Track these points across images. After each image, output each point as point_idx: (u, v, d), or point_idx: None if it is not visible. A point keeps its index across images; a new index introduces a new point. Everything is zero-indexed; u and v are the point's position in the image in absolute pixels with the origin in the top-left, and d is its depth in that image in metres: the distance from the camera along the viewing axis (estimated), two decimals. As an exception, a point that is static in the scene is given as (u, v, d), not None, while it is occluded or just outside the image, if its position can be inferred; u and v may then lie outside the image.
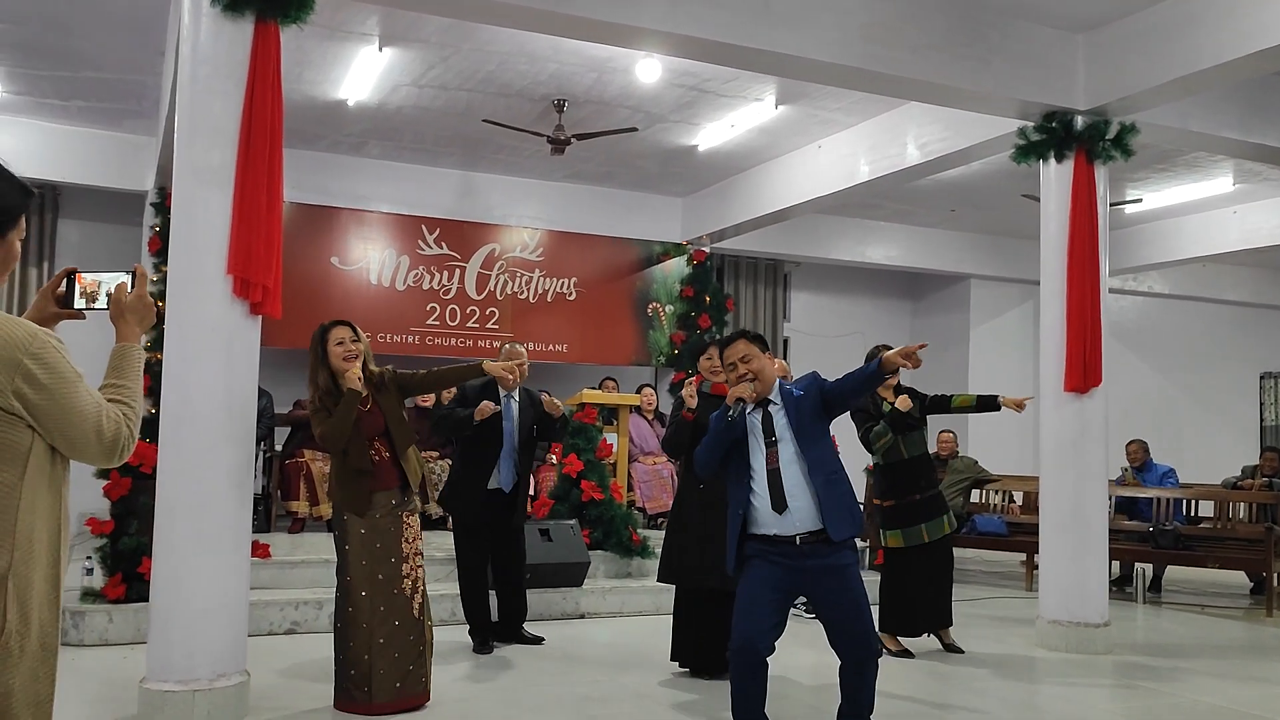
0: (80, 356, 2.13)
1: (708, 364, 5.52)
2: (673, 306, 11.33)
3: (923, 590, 6.34)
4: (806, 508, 3.93)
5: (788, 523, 3.92)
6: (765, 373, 4.08)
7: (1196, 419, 14.53)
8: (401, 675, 4.67)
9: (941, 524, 6.31)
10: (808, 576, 3.96)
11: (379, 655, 4.62)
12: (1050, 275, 6.93)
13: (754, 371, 4.05)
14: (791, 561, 3.94)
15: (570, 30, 5.87)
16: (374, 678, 4.60)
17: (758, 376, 4.05)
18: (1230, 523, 9.16)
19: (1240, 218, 11.24)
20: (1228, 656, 6.71)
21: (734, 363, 4.10)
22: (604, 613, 7.40)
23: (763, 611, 3.96)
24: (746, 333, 4.21)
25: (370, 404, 4.78)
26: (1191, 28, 6.08)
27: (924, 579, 6.33)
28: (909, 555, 6.31)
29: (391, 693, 4.64)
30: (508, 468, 6.14)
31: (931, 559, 6.33)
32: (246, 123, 4.69)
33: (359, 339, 4.81)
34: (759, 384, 4.05)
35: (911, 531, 6.27)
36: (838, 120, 8.78)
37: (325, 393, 4.73)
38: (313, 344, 4.81)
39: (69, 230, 10.11)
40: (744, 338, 4.17)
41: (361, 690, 4.62)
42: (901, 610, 6.35)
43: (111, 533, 6.19)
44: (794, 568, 3.94)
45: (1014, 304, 13.44)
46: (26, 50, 7.62)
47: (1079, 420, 6.76)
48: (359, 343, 4.79)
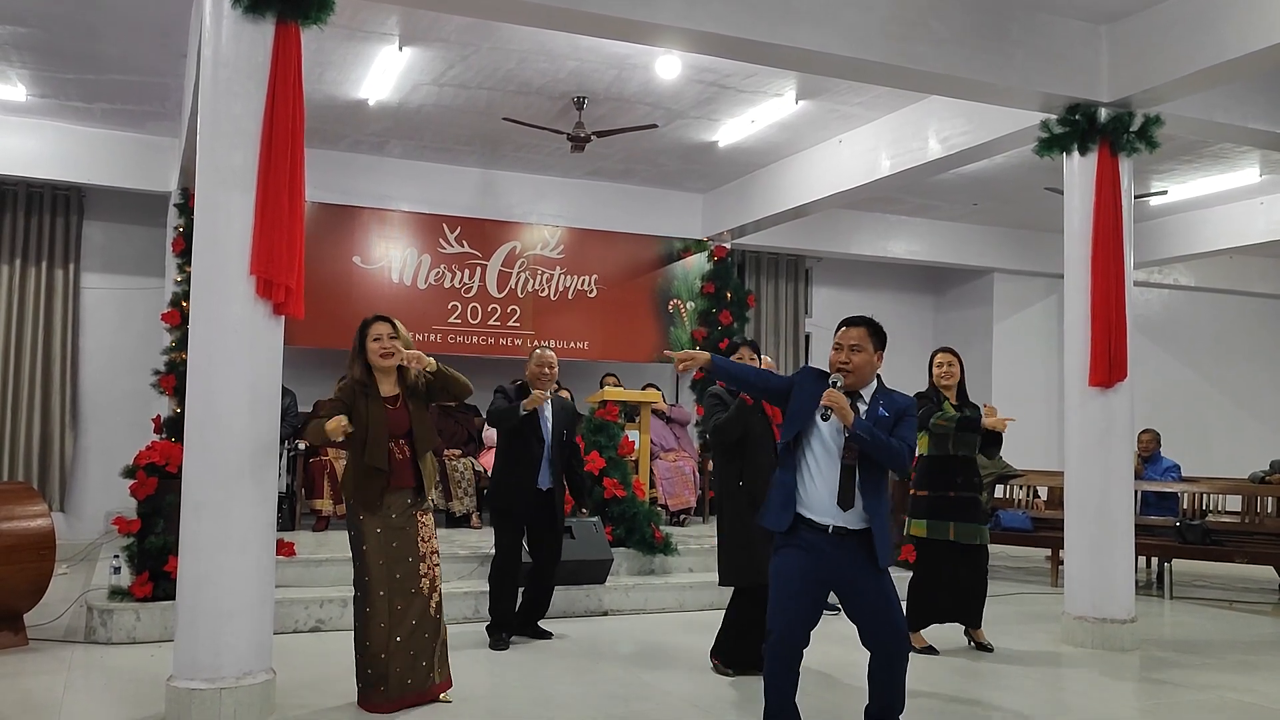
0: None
1: None
2: (694, 303, 11.32)
3: (951, 589, 6.32)
4: (860, 511, 3.96)
5: (841, 518, 3.94)
6: (857, 373, 4.04)
7: (1224, 413, 14.39)
8: (413, 673, 4.70)
9: (975, 531, 6.28)
10: (838, 568, 3.97)
11: (395, 654, 4.64)
12: (1074, 269, 6.87)
13: (853, 365, 4.03)
14: (823, 550, 3.95)
15: (590, 28, 5.86)
16: (390, 676, 4.63)
17: (852, 371, 4.03)
18: (1258, 517, 9.08)
19: (1267, 209, 11.12)
20: (1256, 652, 6.64)
21: (842, 345, 4.08)
22: (627, 610, 7.40)
23: (798, 604, 3.99)
24: (871, 322, 4.15)
25: (400, 403, 4.81)
26: (1217, 18, 6.01)
27: (954, 579, 6.30)
28: (939, 551, 6.28)
29: (404, 689, 4.67)
30: (546, 469, 6.24)
31: (964, 561, 6.29)
32: (268, 123, 4.71)
33: (398, 335, 4.83)
34: (849, 378, 4.02)
35: (937, 525, 6.25)
36: (859, 115, 8.74)
37: (356, 382, 4.78)
38: (354, 339, 4.88)
39: (93, 232, 10.17)
40: (866, 327, 4.11)
41: (378, 690, 4.66)
42: (924, 604, 6.33)
43: (138, 532, 6.23)
44: (825, 557, 3.96)
45: (1038, 298, 13.34)
46: (50, 54, 7.69)
47: (1104, 415, 6.70)
48: (396, 339, 4.81)
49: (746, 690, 5.23)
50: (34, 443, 9.74)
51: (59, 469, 9.82)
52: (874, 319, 4.19)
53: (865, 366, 4.05)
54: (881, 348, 4.12)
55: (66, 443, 9.88)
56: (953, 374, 6.41)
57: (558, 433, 6.34)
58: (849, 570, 3.98)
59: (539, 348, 6.57)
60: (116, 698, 5.00)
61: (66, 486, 9.88)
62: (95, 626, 6.10)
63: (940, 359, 6.47)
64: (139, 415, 9.40)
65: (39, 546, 5.93)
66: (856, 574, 3.98)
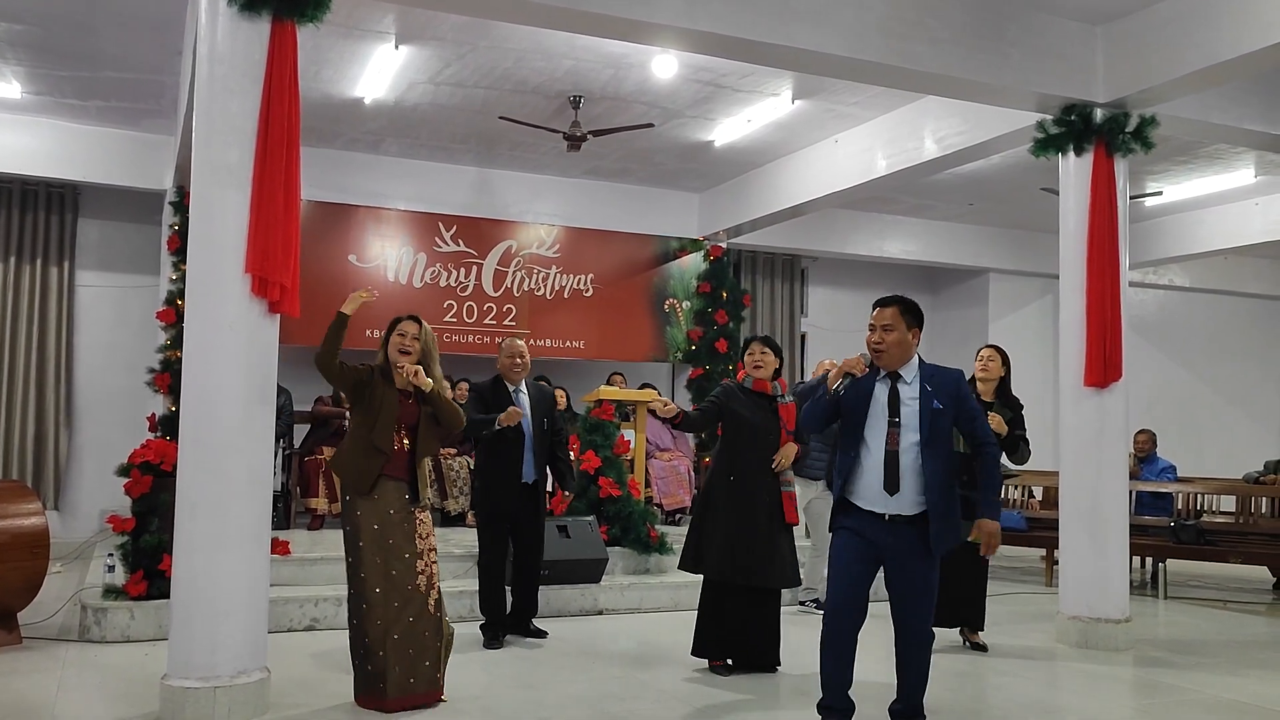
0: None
1: (750, 359, 5.73)
2: (690, 302, 11.32)
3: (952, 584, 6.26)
4: (912, 495, 4.03)
5: (893, 504, 4.03)
6: (891, 353, 4.08)
7: (1218, 413, 14.43)
8: (415, 672, 4.68)
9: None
10: (889, 550, 4.09)
11: (394, 651, 4.63)
12: (1070, 269, 6.88)
13: (886, 344, 4.07)
14: (873, 533, 4.07)
15: (586, 27, 5.86)
16: (389, 673, 4.62)
17: (885, 351, 4.07)
18: (1252, 517, 9.10)
19: (1262, 210, 11.14)
20: (1250, 652, 6.66)
21: (875, 326, 4.13)
22: (622, 609, 7.40)
23: (848, 583, 4.12)
24: (904, 300, 4.19)
25: (412, 400, 4.86)
26: (1212, 18, 6.02)
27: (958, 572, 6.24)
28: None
29: (404, 688, 4.65)
30: (529, 460, 6.18)
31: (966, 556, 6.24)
32: (264, 121, 4.70)
33: (422, 337, 4.90)
34: (884, 358, 4.08)
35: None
36: (855, 115, 8.74)
37: (376, 369, 4.85)
38: (385, 331, 4.96)
39: (89, 229, 10.16)
40: (898, 305, 4.16)
41: (377, 686, 4.65)
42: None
43: (133, 530, 6.21)
44: (876, 540, 4.08)
45: (1033, 298, 13.36)
46: (46, 51, 7.67)
47: (1099, 415, 6.71)
48: (420, 340, 4.88)
49: (741, 689, 5.23)
50: (29, 441, 9.72)
51: (53, 467, 9.81)
52: (907, 298, 4.24)
53: (899, 346, 4.09)
54: (917, 325, 4.16)
55: (61, 441, 9.87)
56: (990, 369, 6.27)
57: (538, 422, 6.24)
58: (900, 553, 4.08)
59: (508, 339, 6.50)
60: (110, 696, 4.99)
61: (61, 484, 9.87)
62: (89, 625, 6.09)
63: (981, 353, 6.36)
64: (134, 413, 9.39)
65: (33, 545, 5.92)
66: (907, 557, 4.08)
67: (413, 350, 4.85)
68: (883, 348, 4.08)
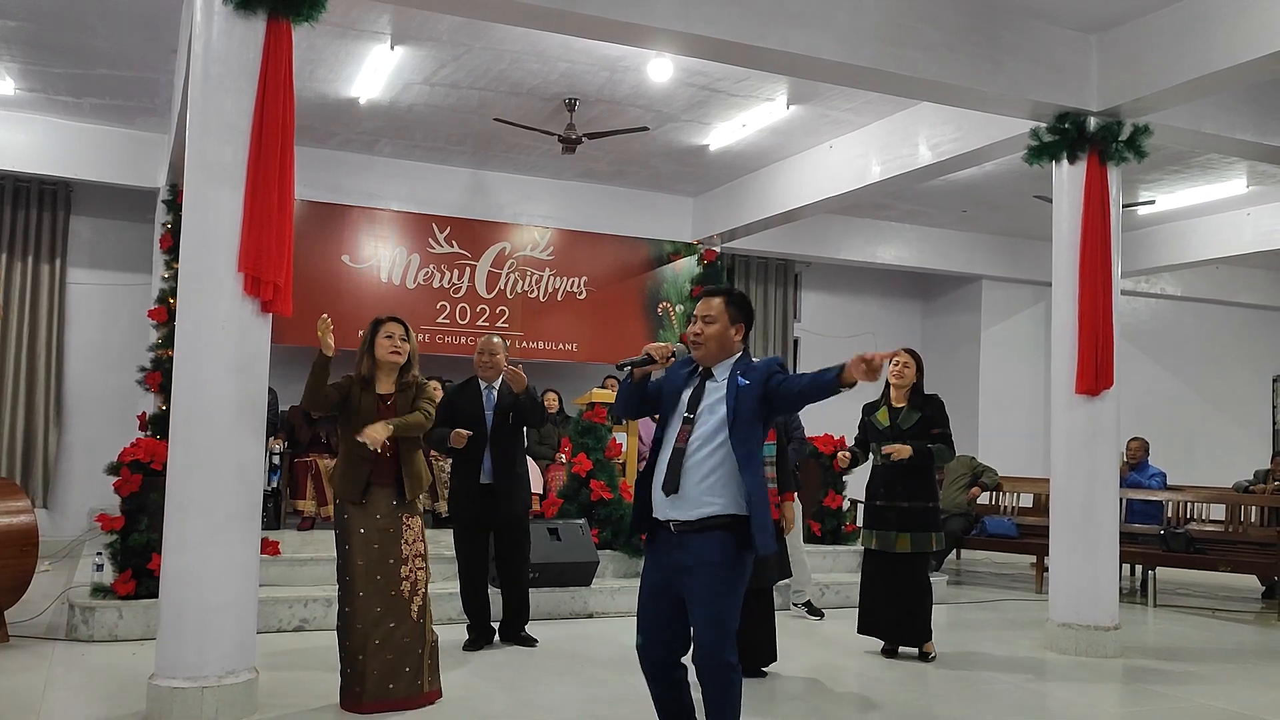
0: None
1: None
2: (683, 306, 11.32)
3: (888, 602, 6.23)
4: (696, 495, 3.54)
5: (674, 508, 3.56)
6: (708, 346, 3.66)
7: (1209, 422, 14.47)
8: (395, 677, 4.68)
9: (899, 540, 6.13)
10: (677, 571, 3.57)
11: (373, 656, 4.63)
12: (1062, 277, 6.90)
13: (705, 337, 3.66)
14: (664, 557, 3.61)
15: (582, 29, 5.86)
16: (367, 678, 4.63)
17: (703, 344, 3.66)
18: (1242, 526, 9.12)
19: (1254, 220, 11.17)
20: (1239, 661, 6.67)
21: (697, 316, 3.72)
22: (613, 612, 7.39)
23: (652, 623, 3.71)
24: (730, 292, 3.76)
25: (391, 402, 4.85)
26: (1206, 28, 6.04)
27: (892, 591, 6.21)
28: (878, 560, 6.26)
29: (383, 693, 4.65)
30: (486, 460, 6.11)
31: (896, 574, 6.18)
32: (258, 120, 4.69)
33: (409, 339, 4.92)
34: (701, 350, 3.68)
35: (881, 535, 6.20)
36: (849, 120, 8.76)
37: (361, 378, 4.85)
38: (365, 333, 4.93)
39: (81, 227, 10.13)
40: (726, 298, 3.72)
41: (354, 690, 4.66)
42: (864, 611, 6.35)
43: (122, 529, 6.20)
44: (667, 564, 3.60)
45: (1025, 305, 13.40)
46: (39, 47, 7.65)
47: (1090, 422, 6.73)
48: (408, 342, 4.91)
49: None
50: (18, 438, 9.68)
51: (42, 465, 9.77)
52: (738, 290, 3.86)
53: (718, 340, 3.66)
54: (740, 321, 3.71)
55: (50, 439, 9.83)
56: (906, 375, 6.24)
57: (498, 423, 6.15)
58: (684, 570, 3.55)
59: (484, 336, 6.43)
60: (98, 695, 4.97)
61: (50, 482, 9.83)
62: (77, 624, 6.07)
63: (897, 357, 6.23)
64: (124, 412, 9.37)
65: (21, 543, 5.89)
66: (685, 573, 3.55)
67: (402, 350, 4.86)
68: (701, 340, 3.67)
